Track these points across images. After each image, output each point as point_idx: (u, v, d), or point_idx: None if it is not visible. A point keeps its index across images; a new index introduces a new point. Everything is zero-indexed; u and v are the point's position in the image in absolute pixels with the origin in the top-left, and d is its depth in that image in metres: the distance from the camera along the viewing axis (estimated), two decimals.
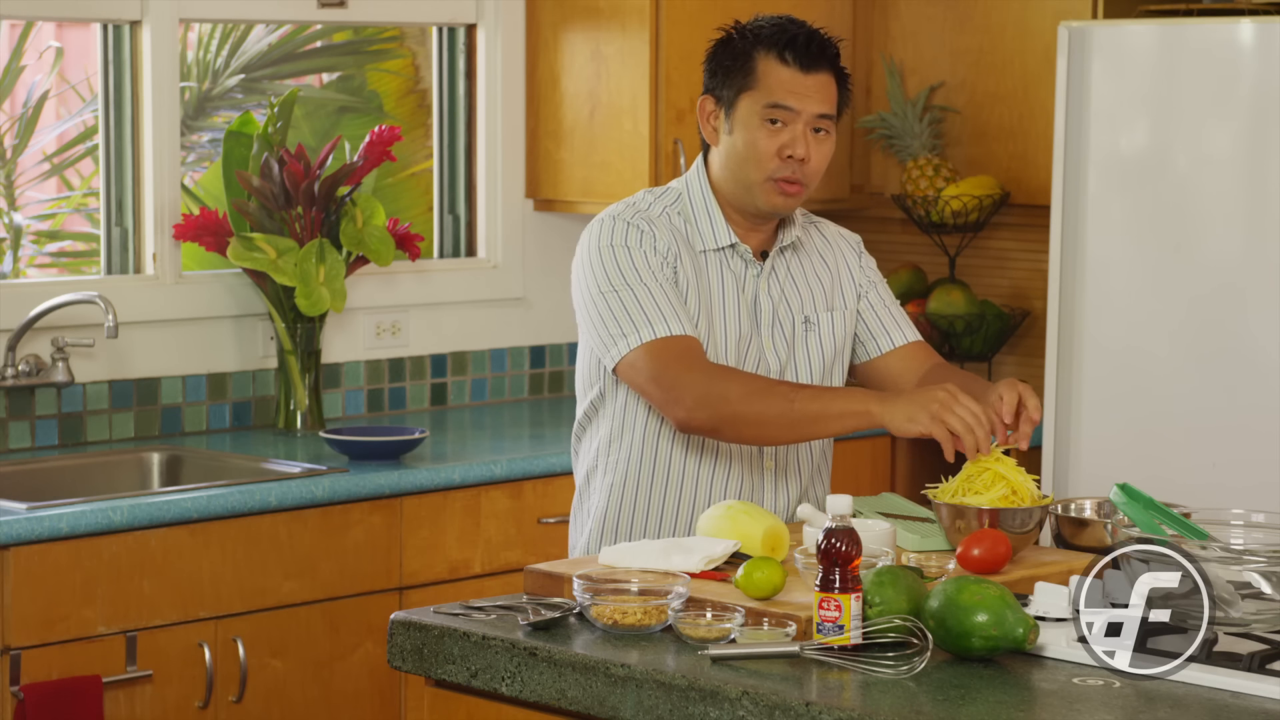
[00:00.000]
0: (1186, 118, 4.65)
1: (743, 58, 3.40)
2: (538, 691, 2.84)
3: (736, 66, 3.40)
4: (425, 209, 5.54)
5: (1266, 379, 4.54)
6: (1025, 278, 5.55)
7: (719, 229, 3.46)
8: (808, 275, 3.55)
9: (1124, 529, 2.78)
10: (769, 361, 3.47)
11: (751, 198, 3.42)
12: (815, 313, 3.52)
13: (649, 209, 3.46)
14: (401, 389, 5.26)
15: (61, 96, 5.91)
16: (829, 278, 3.57)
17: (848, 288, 3.59)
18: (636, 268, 3.36)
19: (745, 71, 3.39)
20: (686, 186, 3.49)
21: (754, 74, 3.38)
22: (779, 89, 3.37)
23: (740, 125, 3.39)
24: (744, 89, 3.39)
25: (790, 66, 3.37)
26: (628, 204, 3.47)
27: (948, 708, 2.56)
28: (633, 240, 3.38)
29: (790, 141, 3.37)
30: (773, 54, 3.38)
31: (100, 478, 4.55)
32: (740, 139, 3.40)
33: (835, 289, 3.57)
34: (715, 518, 3.20)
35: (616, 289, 3.36)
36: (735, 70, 3.40)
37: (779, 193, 3.41)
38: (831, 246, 3.61)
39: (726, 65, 3.42)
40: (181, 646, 4.13)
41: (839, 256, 3.60)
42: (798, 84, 3.37)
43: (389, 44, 5.70)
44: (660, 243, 3.39)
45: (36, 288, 4.73)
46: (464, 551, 4.54)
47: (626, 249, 3.37)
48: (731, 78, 3.40)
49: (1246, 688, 2.61)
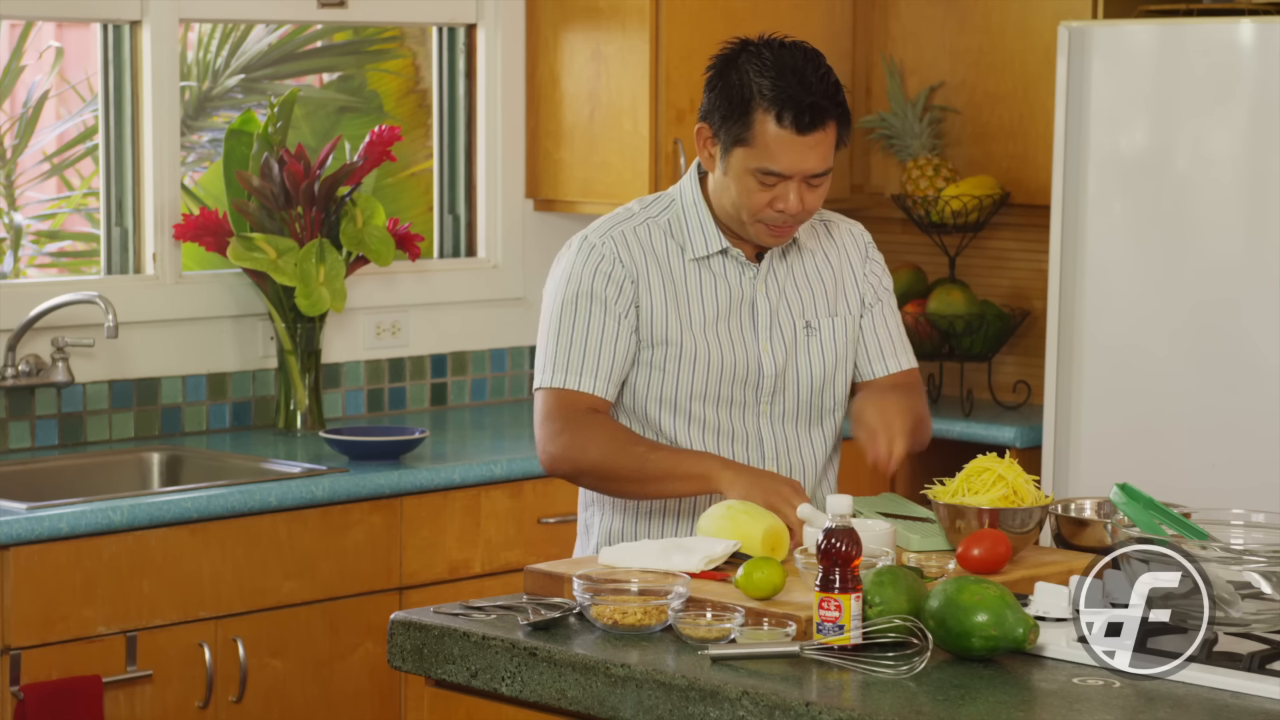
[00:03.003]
0: (1186, 118, 4.65)
1: (740, 109, 3.32)
2: (538, 691, 2.84)
3: (734, 117, 3.33)
4: (425, 209, 5.54)
5: (1266, 379, 4.54)
6: (1025, 278, 5.55)
7: (710, 236, 3.44)
8: (809, 277, 3.52)
9: (1124, 529, 2.78)
10: (765, 366, 3.45)
11: (742, 227, 3.42)
12: (816, 317, 3.50)
13: (632, 218, 3.47)
14: (401, 389, 5.26)
15: (61, 96, 5.91)
16: (832, 281, 3.54)
17: (851, 293, 3.55)
18: (590, 315, 3.42)
19: (742, 125, 3.32)
20: (680, 194, 3.49)
21: (750, 130, 3.31)
22: (772, 155, 3.31)
23: (733, 172, 3.36)
24: (739, 142, 3.33)
25: (787, 130, 3.30)
26: (609, 218, 3.50)
27: (948, 708, 2.56)
28: (593, 279, 3.42)
29: (780, 196, 3.34)
30: (770, 116, 3.30)
31: (100, 478, 4.55)
32: (733, 183, 3.37)
33: (839, 293, 3.54)
34: (715, 517, 3.20)
35: (568, 329, 3.42)
36: (733, 120, 3.33)
37: (769, 235, 3.41)
38: (836, 246, 3.56)
39: (724, 111, 3.34)
40: (181, 646, 4.13)
41: (843, 258, 3.56)
42: (794, 148, 3.31)
43: (389, 44, 5.70)
44: (624, 264, 3.41)
45: (36, 288, 4.73)
46: (464, 551, 4.54)
47: (589, 293, 3.41)
48: (728, 124, 3.34)
49: (1246, 688, 2.61)
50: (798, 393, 3.48)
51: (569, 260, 3.47)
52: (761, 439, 3.46)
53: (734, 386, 3.43)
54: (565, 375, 3.41)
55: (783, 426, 3.47)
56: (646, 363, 3.42)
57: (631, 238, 3.45)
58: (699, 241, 3.45)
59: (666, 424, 3.43)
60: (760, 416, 3.46)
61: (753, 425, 3.46)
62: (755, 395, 3.44)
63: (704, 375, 3.41)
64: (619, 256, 3.42)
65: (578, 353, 3.42)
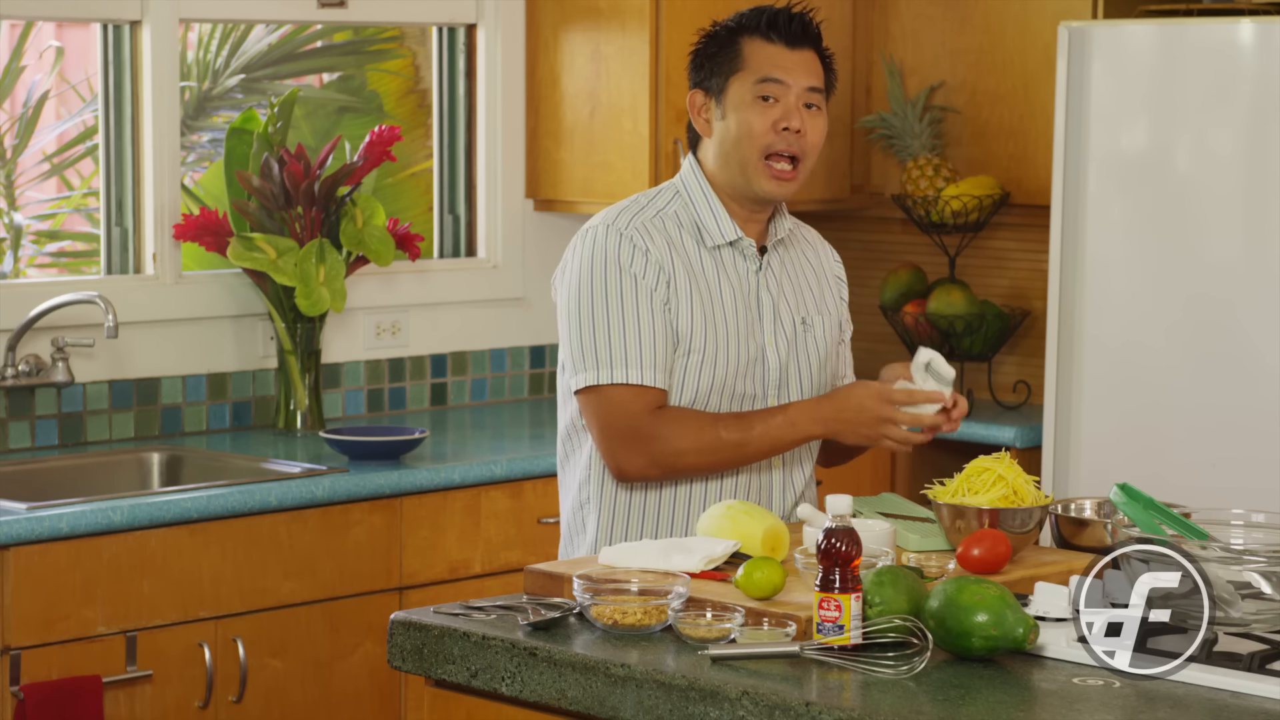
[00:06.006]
0: (1186, 118, 4.65)
1: (728, 45, 3.44)
2: (538, 691, 2.84)
3: (723, 54, 3.43)
4: (425, 209, 5.54)
5: (1266, 379, 4.54)
6: (1025, 278, 5.55)
7: (723, 222, 3.45)
8: (804, 273, 3.56)
9: (1124, 529, 2.79)
10: (769, 360, 3.46)
11: (747, 180, 3.42)
12: (809, 314, 3.53)
13: (644, 211, 3.44)
14: (401, 389, 5.26)
15: (61, 96, 5.91)
16: (815, 280, 3.58)
17: (830, 294, 3.59)
18: (624, 294, 3.34)
19: (732, 56, 3.42)
20: (683, 184, 3.49)
21: (740, 57, 3.42)
22: (767, 64, 3.41)
23: (732, 108, 3.41)
24: (732, 73, 3.42)
25: (775, 44, 3.42)
26: (622, 209, 3.45)
27: (948, 708, 2.56)
28: (625, 257, 3.36)
29: (784, 114, 3.40)
30: (757, 35, 3.42)
31: (100, 478, 4.55)
32: (734, 121, 3.41)
33: (824, 293, 3.58)
34: (715, 517, 3.20)
35: (602, 314, 3.35)
36: (721, 58, 3.43)
37: (772, 176, 3.41)
38: (818, 255, 3.62)
39: (712, 54, 3.45)
40: (181, 646, 4.13)
41: (825, 267, 3.62)
42: (785, 59, 3.41)
43: (389, 44, 5.71)
44: (654, 255, 3.38)
45: (36, 288, 4.73)
46: (464, 551, 4.54)
47: (619, 268, 3.36)
48: (718, 65, 3.43)
49: (1246, 688, 2.61)
50: (800, 387, 3.49)
51: (595, 244, 3.38)
52: None
53: (746, 381, 3.43)
54: (612, 370, 3.33)
55: None
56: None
57: (654, 229, 3.42)
58: (713, 229, 3.45)
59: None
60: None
61: None
62: (763, 389, 3.45)
63: (724, 369, 3.41)
64: (646, 245, 3.39)
65: (619, 343, 3.33)
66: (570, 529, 3.53)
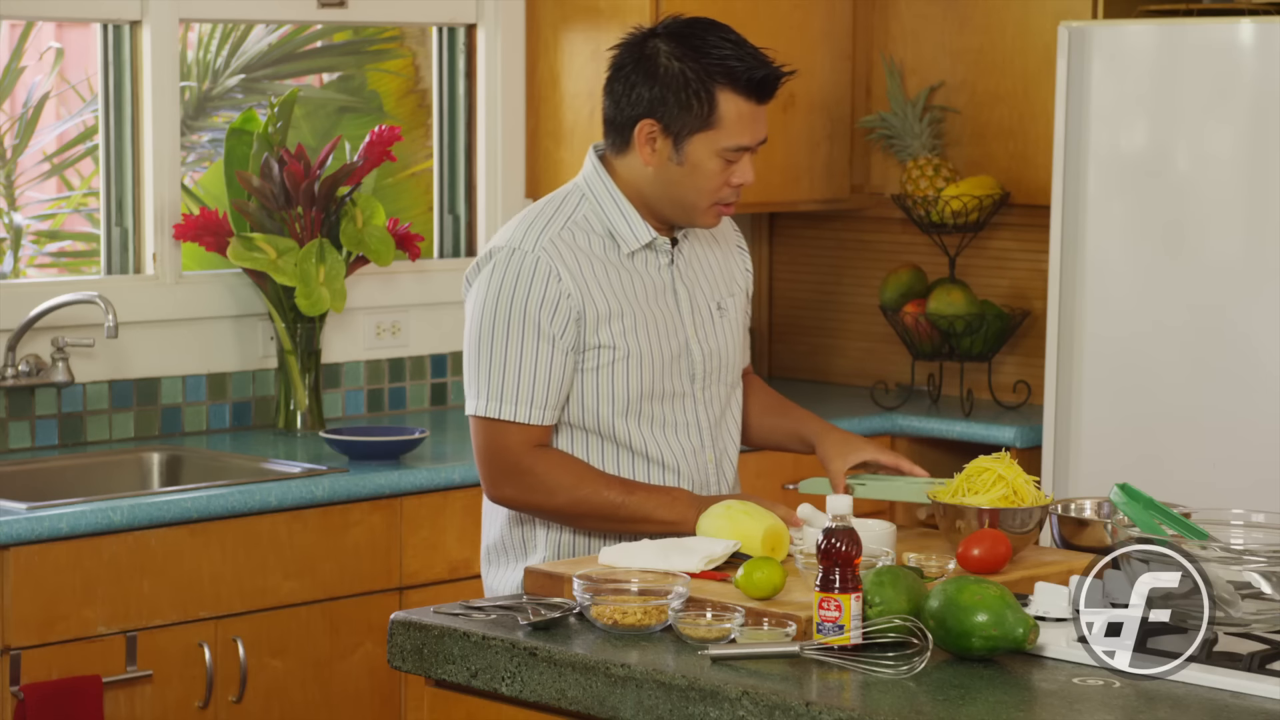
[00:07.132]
0: (1186, 118, 4.65)
1: (699, 94, 3.30)
2: (538, 691, 2.84)
3: (696, 105, 3.30)
4: (425, 209, 5.54)
5: (1266, 379, 4.54)
6: (1025, 278, 5.55)
7: (636, 226, 3.40)
8: (709, 258, 3.53)
9: (1124, 529, 2.79)
10: (694, 352, 3.44)
11: (686, 216, 3.39)
12: (722, 297, 3.52)
13: (551, 222, 3.37)
14: (401, 389, 5.26)
15: (61, 96, 5.91)
16: (721, 257, 3.56)
17: (738, 273, 3.58)
18: (524, 331, 3.31)
19: (706, 110, 3.30)
20: (589, 187, 3.42)
21: (716, 114, 3.30)
22: (739, 130, 3.31)
23: (692, 160, 3.32)
24: (703, 128, 3.31)
25: (750, 103, 3.32)
26: (530, 224, 3.37)
27: (948, 708, 2.56)
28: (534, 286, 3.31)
29: (741, 173, 3.35)
30: (733, 92, 3.30)
31: (100, 478, 4.55)
32: (690, 170, 3.33)
33: (732, 272, 3.57)
34: (715, 517, 3.20)
35: (501, 348, 3.32)
36: (692, 108, 3.30)
37: (719, 216, 3.41)
38: (716, 228, 3.55)
39: (679, 101, 3.30)
40: (181, 646, 4.13)
41: (725, 239, 3.58)
42: (755, 117, 3.34)
43: (389, 44, 5.71)
44: (565, 277, 3.32)
45: (36, 288, 4.73)
46: (464, 551, 4.54)
47: (524, 300, 3.31)
48: (686, 115, 3.31)
49: (1246, 688, 2.61)
50: (721, 373, 3.50)
51: (498, 274, 3.34)
52: (699, 424, 3.47)
53: (673, 378, 3.42)
54: (501, 404, 3.32)
55: (710, 408, 3.49)
56: (593, 368, 3.37)
57: (563, 244, 3.36)
58: (627, 234, 3.40)
59: (620, 428, 3.39)
60: (696, 402, 3.46)
61: (690, 412, 3.45)
62: (690, 383, 3.45)
63: (650, 371, 3.39)
64: (554, 269, 3.33)
65: (512, 378, 3.32)
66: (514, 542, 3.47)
